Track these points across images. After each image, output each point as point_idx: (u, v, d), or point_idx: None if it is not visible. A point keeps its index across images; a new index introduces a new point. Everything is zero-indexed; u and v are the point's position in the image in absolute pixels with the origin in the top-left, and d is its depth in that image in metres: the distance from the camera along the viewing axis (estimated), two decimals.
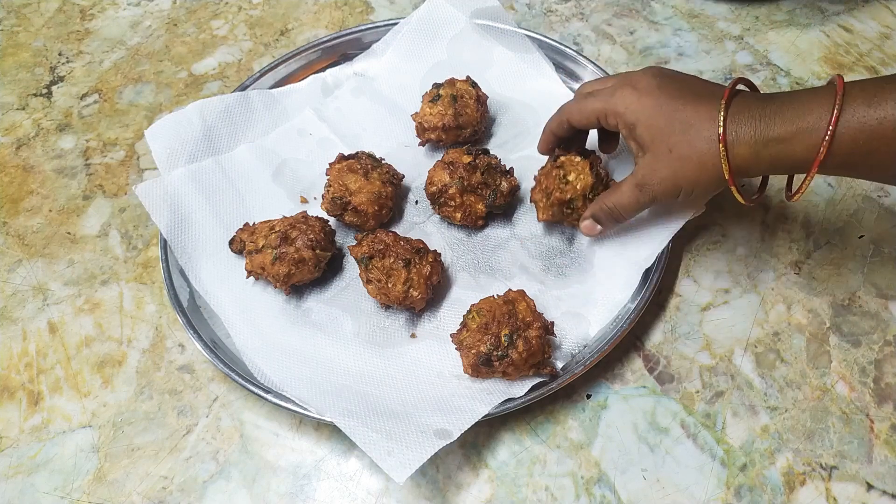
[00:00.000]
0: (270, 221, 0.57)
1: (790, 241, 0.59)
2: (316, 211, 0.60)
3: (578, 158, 0.56)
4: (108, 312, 0.58)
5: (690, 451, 0.49)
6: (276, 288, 0.56)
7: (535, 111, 0.67)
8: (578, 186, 0.55)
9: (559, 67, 0.68)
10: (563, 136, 0.55)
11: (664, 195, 0.48)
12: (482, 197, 0.57)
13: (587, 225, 0.54)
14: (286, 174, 0.64)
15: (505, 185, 0.58)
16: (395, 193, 0.59)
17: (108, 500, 0.49)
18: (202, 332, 0.53)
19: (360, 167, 0.58)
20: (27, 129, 0.70)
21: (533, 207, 0.58)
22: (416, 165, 0.64)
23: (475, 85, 0.63)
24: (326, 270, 0.57)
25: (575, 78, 0.68)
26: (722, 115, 0.43)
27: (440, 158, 0.59)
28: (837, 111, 0.40)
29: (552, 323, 0.51)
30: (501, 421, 0.51)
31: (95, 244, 0.62)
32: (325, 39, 0.70)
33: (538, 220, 0.57)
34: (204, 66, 0.74)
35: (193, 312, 0.54)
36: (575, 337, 0.53)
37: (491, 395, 0.49)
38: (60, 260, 0.61)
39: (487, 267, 0.58)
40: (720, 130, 0.43)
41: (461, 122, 0.61)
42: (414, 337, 0.55)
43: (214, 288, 0.57)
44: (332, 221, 0.58)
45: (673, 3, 0.77)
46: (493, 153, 0.59)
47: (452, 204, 0.57)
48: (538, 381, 0.50)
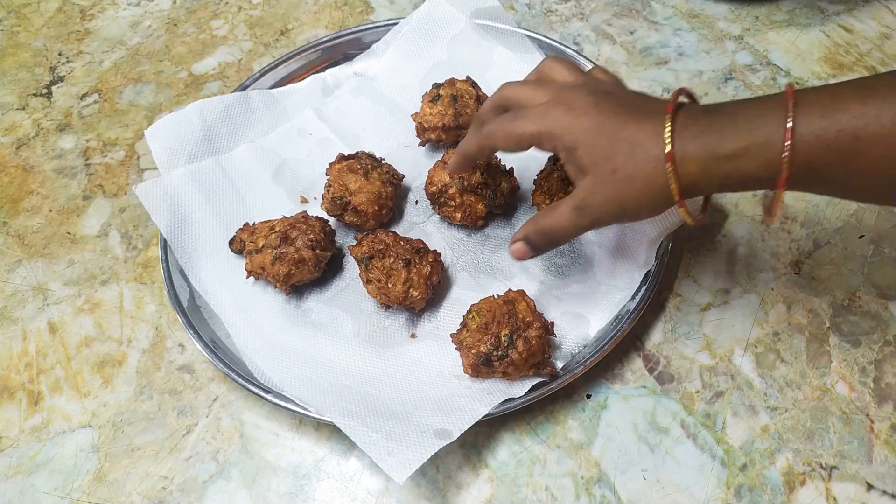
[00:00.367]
0: (270, 221, 0.57)
1: (790, 241, 0.59)
2: (316, 211, 0.60)
3: None
4: (108, 312, 0.58)
5: (690, 451, 0.49)
6: (276, 288, 0.56)
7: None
8: None
9: None
10: (484, 160, 0.49)
11: (606, 218, 0.44)
12: (482, 197, 0.57)
13: (517, 248, 0.48)
14: (286, 174, 0.64)
15: (505, 185, 0.58)
16: (395, 193, 0.59)
17: (108, 500, 0.49)
18: (202, 332, 0.53)
19: (360, 167, 0.58)
20: (27, 129, 0.70)
21: (533, 208, 0.59)
22: (416, 165, 0.64)
23: (475, 85, 0.63)
24: (326, 270, 0.57)
25: None
26: (668, 131, 0.40)
27: (440, 158, 0.59)
28: (792, 124, 0.36)
29: (552, 323, 0.51)
30: (501, 421, 0.51)
31: (95, 244, 0.62)
32: (325, 39, 0.70)
33: None
34: (204, 66, 0.74)
35: (193, 312, 0.54)
36: (575, 337, 0.53)
37: (491, 395, 0.49)
38: (60, 260, 0.61)
39: (487, 267, 0.58)
40: (667, 148, 0.40)
41: (461, 122, 0.61)
42: (414, 337, 0.55)
43: (214, 288, 0.57)
44: (332, 221, 0.58)
45: (673, 3, 0.77)
46: None
47: (452, 204, 0.57)
48: (538, 381, 0.50)
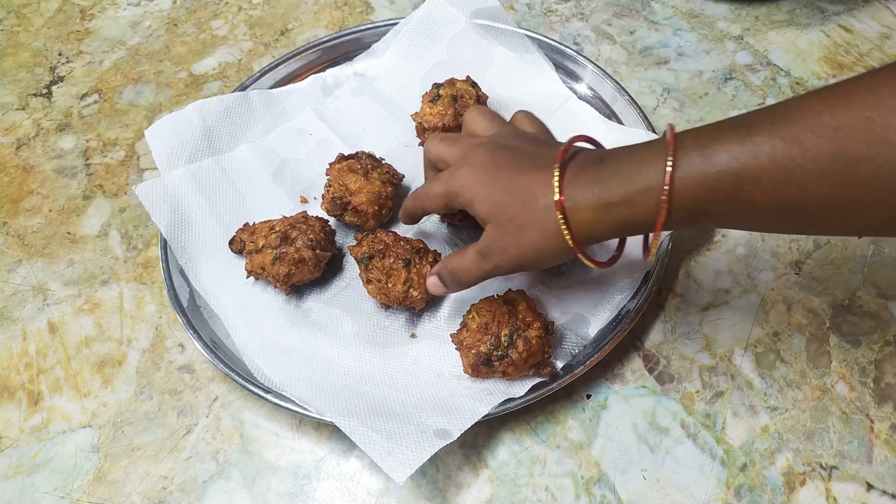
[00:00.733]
0: (270, 221, 0.57)
1: (790, 241, 0.59)
2: (316, 211, 0.60)
3: None
4: (108, 312, 0.58)
5: (690, 451, 0.49)
6: (276, 288, 0.56)
7: (535, 111, 0.66)
8: None
9: (559, 67, 0.68)
10: (420, 216, 0.54)
11: (507, 264, 0.46)
12: None
13: (432, 282, 0.51)
14: (286, 174, 0.64)
15: None
16: (395, 193, 0.59)
17: (108, 500, 0.49)
18: (202, 332, 0.53)
19: (360, 167, 0.58)
20: (27, 129, 0.70)
21: None
22: (416, 165, 0.64)
23: (475, 85, 0.63)
24: (326, 270, 0.57)
25: (575, 78, 0.68)
26: (556, 180, 0.41)
27: None
28: (671, 169, 0.37)
29: (552, 323, 0.51)
30: (501, 421, 0.51)
31: (95, 244, 0.62)
32: (325, 39, 0.70)
33: None
34: (204, 66, 0.74)
35: (193, 312, 0.54)
36: (575, 337, 0.53)
37: (491, 395, 0.49)
38: (60, 260, 0.61)
39: None
40: (556, 197, 0.41)
41: (461, 122, 0.61)
42: (414, 337, 0.55)
43: (214, 288, 0.57)
44: (332, 221, 0.58)
45: (673, 3, 0.77)
46: None
47: None
48: (538, 381, 0.50)
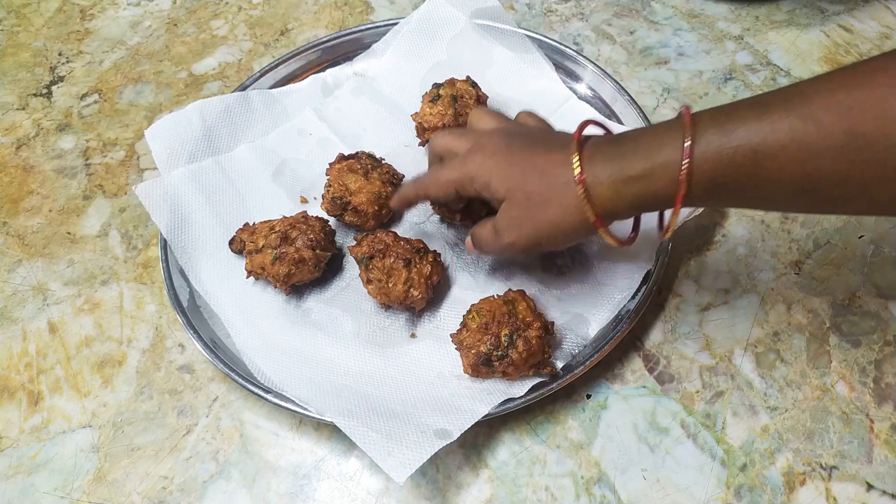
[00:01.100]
0: (270, 221, 0.57)
1: (790, 241, 0.59)
2: (316, 211, 0.60)
3: None
4: (108, 312, 0.58)
5: (690, 451, 0.49)
6: (276, 288, 0.56)
7: (535, 111, 0.67)
8: None
9: (559, 67, 0.68)
10: (419, 203, 0.55)
11: (522, 241, 0.46)
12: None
13: (468, 241, 0.52)
14: (286, 174, 0.64)
15: None
16: (394, 193, 0.59)
17: (108, 500, 0.49)
18: (202, 332, 0.53)
19: (360, 167, 0.58)
20: (27, 129, 0.70)
21: None
22: (416, 165, 0.64)
23: (475, 85, 0.63)
24: (326, 270, 0.57)
25: (575, 78, 0.68)
26: (576, 157, 0.42)
27: None
28: (690, 144, 0.38)
29: (552, 323, 0.51)
30: (501, 421, 0.51)
31: (95, 244, 0.62)
32: (325, 39, 0.70)
33: None
34: (204, 66, 0.74)
35: (193, 312, 0.54)
36: (575, 337, 0.53)
37: (491, 395, 0.49)
38: (60, 260, 0.61)
39: (487, 267, 0.58)
40: (577, 172, 0.42)
41: (461, 122, 0.61)
42: (414, 337, 0.55)
43: (214, 288, 0.57)
44: (332, 221, 0.58)
45: (673, 3, 0.77)
46: None
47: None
48: (538, 381, 0.50)
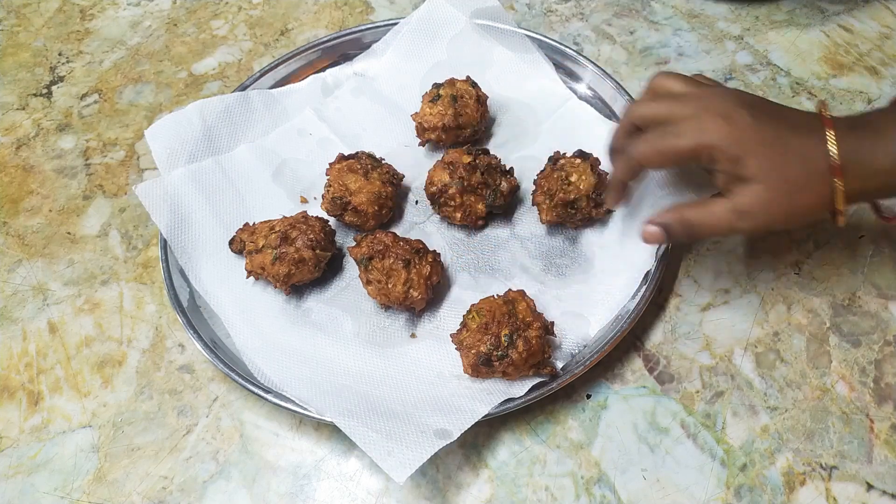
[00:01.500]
0: (270, 221, 0.57)
1: (790, 240, 0.59)
2: (316, 211, 0.60)
3: (578, 160, 0.56)
4: (108, 312, 0.58)
5: (690, 451, 0.49)
6: (276, 288, 0.56)
7: (535, 111, 0.67)
8: (582, 187, 0.55)
9: (559, 67, 0.68)
10: (633, 181, 0.51)
11: (769, 224, 0.46)
12: (482, 197, 0.57)
13: (653, 232, 0.48)
14: (286, 174, 0.64)
15: (505, 185, 0.58)
16: (395, 193, 0.59)
17: (108, 500, 0.49)
18: (202, 332, 0.53)
19: (360, 167, 0.58)
20: (27, 129, 0.70)
21: (533, 207, 0.59)
22: (416, 165, 0.64)
23: (475, 85, 0.63)
24: (326, 270, 0.57)
25: (575, 78, 0.68)
26: (834, 146, 0.43)
27: (440, 158, 0.59)
28: None
29: (552, 323, 0.51)
30: (501, 421, 0.51)
31: (95, 244, 0.62)
32: (325, 39, 0.70)
33: (542, 222, 0.57)
34: (204, 66, 0.74)
35: (193, 312, 0.54)
36: (575, 337, 0.53)
37: (491, 395, 0.49)
38: (60, 260, 0.61)
39: (487, 267, 0.58)
40: (835, 161, 0.43)
41: (461, 122, 0.61)
42: (414, 337, 0.55)
43: (214, 288, 0.57)
44: (332, 221, 0.58)
45: (673, 3, 0.77)
46: (493, 153, 0.59)
47: (452, 204, 0.57)
48: (538, 381, 0.50)
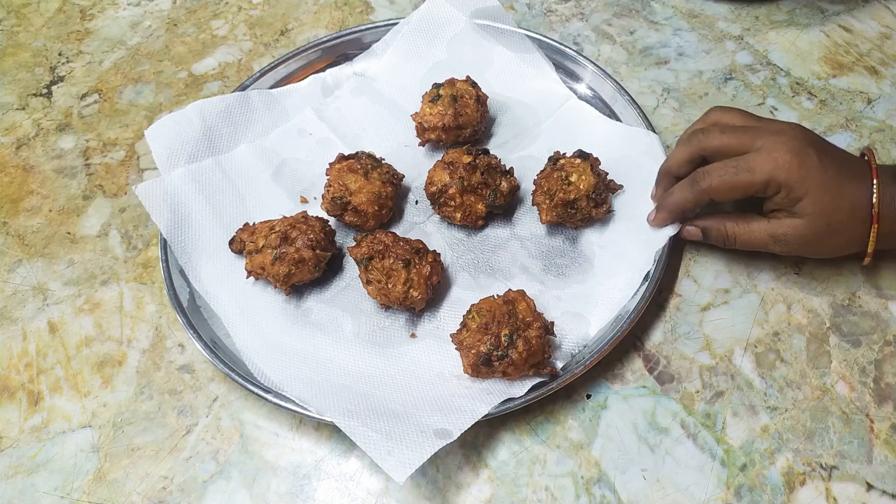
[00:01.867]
0: (270, 221, 0.57)
1: None
2: (316, 211, 0.60)
3: (578, 160, 0.56)
4: (108, 312, 0.58)
5: (690, 451, 0.49)
6: (276, 288, 0.56)
7: (535, 111, 0.67)
8: (582, 187, 0.55)
9: (559, 67, 0.68)
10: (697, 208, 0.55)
11: (796, 252, 0.52)
12: (482, 197, 0.57)
13: (692, 232, 0.55)
14: (286, 174, 0.64)
15: (505, 185, 0.58)
16: (395, 193, 0.59)
17: (108, 500, 0.49)
18: (202, 332, 0.53)
19: (360, 167, 0.58)
20: (27, 129, 0.70)
21: (533, 207, 0.59)
22: (416, 165, 0.64)
23: (475, 85, 0.63)
24: (326, 270, 0.57)
25: (575, 78, 0.68)
26: (875, 198, 0.49)
27: (440, 158, 0.59)
28: None
29: (552, 323, 0.51)
30: (501, 421, 0.51)
31: (95, 244, 0.62)
32: (325, 39, 0.70)
33: (542, 222, 0.57)
34: (204, 66, 0.74)
35: (193, 312, 0.54)
36: (575, 337, 0.53)
37: (491, 395, 0.49)
38: (60, 260, 0.61)
39: (487, 267, 0.58)
40: (875, 210, 0.49)
41: (461, 122, 0.61)
42: (414, 337, 0.55)
43: (214, 288, 0.57)
44: (332, 221, 0.58)
45: (673, 3, 0.77)
46: (493, 153, 0.59)
47: (452, 204, 0.57)
48: (538, 381, 0.50)
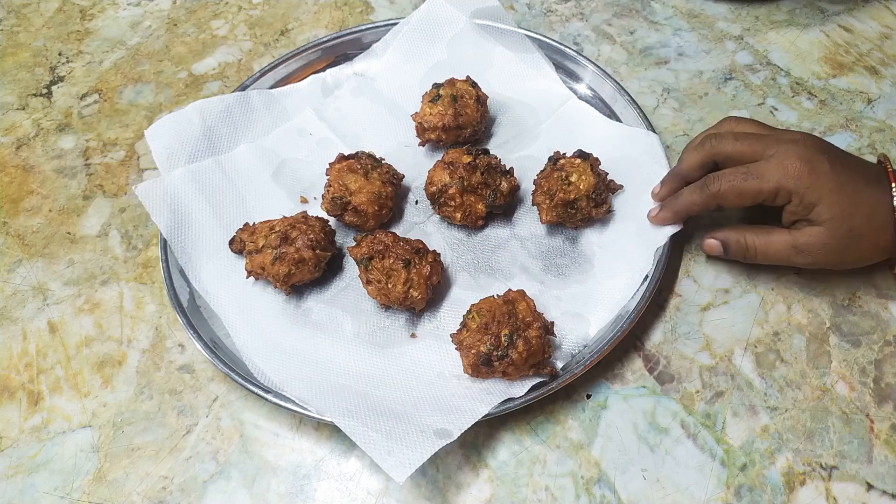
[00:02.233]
0: (270, 221, 0.57)
1: None
2: (316, 211, 0.60)
3: (578, 160, 0.56)
4: (108, 312, 0.58)
5: (690, 451, 0.49)
6: (276, 288, 0.56)
7: (535, 111, 0.67)
8: (582, 187, 0.55)
9: (559, 67, 0.68)
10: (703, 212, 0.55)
11: (821, 263, 0.51)
12: (482, 197, 0.57)
13: (712, 244, 0.55)
14: (286, 174, 0.64)
15: (505, 185, 0.58)
16: (395, 193, 0.59)
17: (108, 500, 0.49)
18: (202, 332, 0.53)
19: (360, 167, 0.58)
20: (27, 129, 0.70)
21: (533, 207, 0.59)
22: (416, 165, 0.64)
23: (475, 85, 0.63)
24: (326, 270, 0.57)
25: (575, 78, 0.68)
26: (895, 199, 0.49)
27: (440, 158, 0.59)
28: None
29: (552, 323, 0.51)
30: (501, 421, 0.51)
31: (95, 244, 0.62)
32: (325, 39, 0.70)
33: (542, 222, 0.57)
34: (204, 66, 0.74)
35: (193, 312, 0.54)
36: (575, 337, 0.53)
37: (491, 395, 0.49)
38: (60, 260, 0.61)
39: (487, 267, 0.58)
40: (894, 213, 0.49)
41: (461, 122, 0.61)
42: (414, 337, 0.55)
43: (214, 288, 0.57)
44: (332, 221, 0.59)
45: (673, 3, 0.77)
46: (493, 153, 0.59)
47: (452, 204, 0.57)
48: (538, 381, 0.50)
